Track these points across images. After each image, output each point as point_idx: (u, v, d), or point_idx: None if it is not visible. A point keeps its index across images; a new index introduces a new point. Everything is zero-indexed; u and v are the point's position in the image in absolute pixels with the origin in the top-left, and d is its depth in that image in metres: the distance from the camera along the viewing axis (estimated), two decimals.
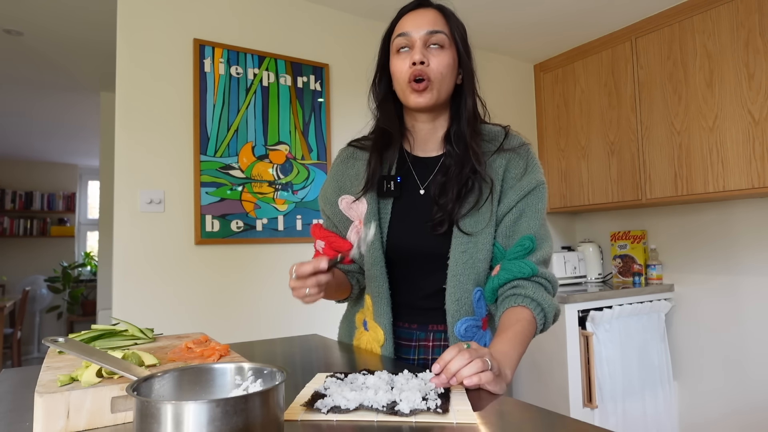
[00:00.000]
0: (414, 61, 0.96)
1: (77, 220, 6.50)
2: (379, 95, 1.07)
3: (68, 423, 0.61)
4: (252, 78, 2.29)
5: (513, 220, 1.00)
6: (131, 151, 2.02)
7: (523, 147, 1.04)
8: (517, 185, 1.01)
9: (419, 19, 0.98)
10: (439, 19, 0.99)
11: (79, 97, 4.01)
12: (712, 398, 2.65)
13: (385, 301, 1.03)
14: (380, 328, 1.04)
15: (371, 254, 1.03)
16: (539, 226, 1.00)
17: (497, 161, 1.02)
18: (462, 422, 0.64)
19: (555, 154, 3.20)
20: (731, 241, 2.62)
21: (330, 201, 1.11)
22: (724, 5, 2.38)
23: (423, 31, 0.97)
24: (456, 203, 0.98)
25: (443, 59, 0.98)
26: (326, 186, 1.14)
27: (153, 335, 1.03)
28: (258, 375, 0.62)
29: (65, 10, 2.58)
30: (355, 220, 1.08)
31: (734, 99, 2.34)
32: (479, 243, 0.98)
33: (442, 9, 1.02)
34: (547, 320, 0.95)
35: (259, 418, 0.50)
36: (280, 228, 2.30)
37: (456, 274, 0.98)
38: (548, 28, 2.85)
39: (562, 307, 2.44)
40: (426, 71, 0.97)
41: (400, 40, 0.99)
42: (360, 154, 1.11)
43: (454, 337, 1.00)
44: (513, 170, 1.02)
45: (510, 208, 1.00)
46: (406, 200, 1.05)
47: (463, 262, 0.98)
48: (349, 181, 1.10)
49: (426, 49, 0.98)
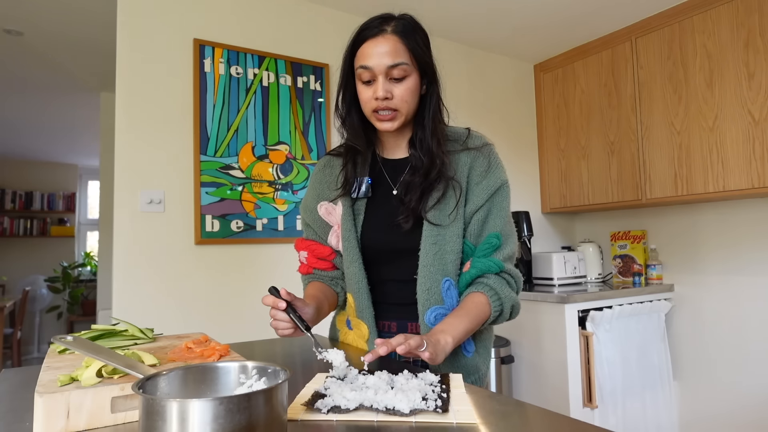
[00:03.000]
0: (377, 97, 0.99)
1: (77, 220, 6.49)
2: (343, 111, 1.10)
3: (68, 423, 0.61)
4: (252, 78, 2.29)
5: (481, 219, 1.05)
6: (131, 151, 2.02)
7: (486, 146, 1.09)
8: (483, 183, 1.06)
9: (379, 49, 0.98)
10: (399, 48, 0.99)
11: (79, 97, 4.00)
12: (712, 398, 2.65)
13: (366, 296, 1.08)
14: (364, 323, 1.09)
15: (349, 253, 1.09)
16: (504, 224, 1.06)
17: (462, 159, 1.07)
18: (462, 422, 0.64)
19: (555, 154, 3.20)
20: (731, 241, 2.62)
21: (310, 208, 1.17)
22: (724, 5, 2.38)
23: (383, 65, 0.98)
24: (419, 201, 1.04)
25: (406, 87, 1.00)
26: (306, 196, 1.20)
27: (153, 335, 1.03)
28: (262, 373, 0.62)
29: (65, 10, 2.58)
30: (334, 225, 1.14)
31: (734, 99, 2.34)
32: (447, 236, 1.03)
33: (402, 33, 1.00)
34: (504, 310, 1.02)
35: (262, 416, 0.50)
36: (280, 228, 2.30)
37: (426, 265, 1.03)
38: (548, 28, 2.85)
39: (562, 306, 2.44)
40: (390, 104, 1.00)
41: (362, 71, 1.00)
42: (335, 161, 1.16)
43: (425, 325, 1.04)
44: (477, 168, 1.07)
45: (478, 208, 1.05)
46: (379, 200, 1.11)
47: (433, 253, 1.03)
48: (327, 187, 1.15)
49: (388, 82, 1.00)
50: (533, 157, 3.30)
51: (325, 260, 1.16)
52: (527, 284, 2.89)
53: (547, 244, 3.29)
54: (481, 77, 3.12)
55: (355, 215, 1.10)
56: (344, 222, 1.09)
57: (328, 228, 1.15)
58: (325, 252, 1.16)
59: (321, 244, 1.16)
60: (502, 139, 3.14)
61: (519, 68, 3.32)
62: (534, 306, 2.57)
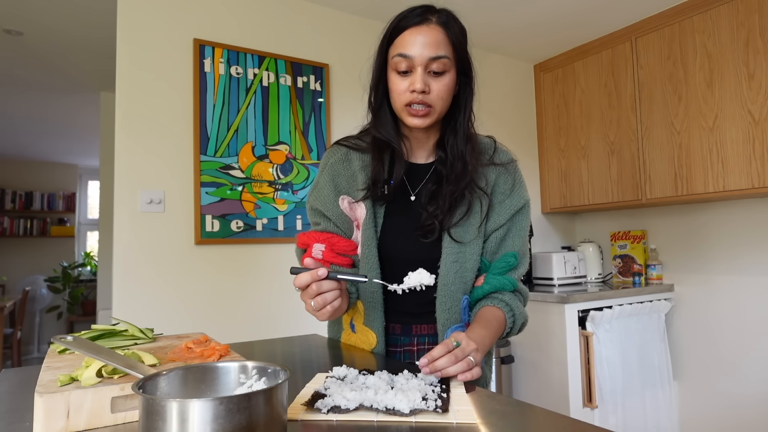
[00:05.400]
0: (415, 89, 0.93)
1: (77, 220, 6.49)
2: (376, 103, 1.04)
3: (68, 423, 0.61)
4: (252, 78, 2.29)
5: (500, 237, 1.05)
6: (131, 151, 2.02)
7: (512, 164, 1.09)
8: (506, 202, 1.05)
9: (422, 40, 0.93)
10: (441, 40, 0.94)
11: (79, 97, 4.00)
12: (712, 398, 2.65)
13: (379, 307, 1.04)
14: (372, 333, 1.05)
15: (368, 261, 1.02)
16: (522, 244, 1.06)
17: (488, 174, 1.05)
18: (462, 422, 0.64)
19: (555, 154, 3.20)
20: (731, 241, 2.62)
21: (329, 200, 1.07)
22: (724, 5, 2.38)
23: (426, 56, 0.92)
24: (447, 213, 1.00)
25: (444, 84, 0.95)
26: (320, 186, 1.09)
27: (153, 335, 1.03)
28: (262, 373, 0.62)
29: (65, 10, 2.58)
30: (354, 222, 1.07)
31: (734, 99, 2.34)
32: (468, 252, 1.01)
33: (446, 24, 0.95)
34: (515, 325, 1.02)
35: (262, 416, 0.50)
36: (280, 228, 2.30)
37: (446, 283, 1.00)
38: (548, 28, 2.85)
39: (562, 306, 2.44)
40: (426, 99, 0.94)
41: (400, 60, 0.94)
42: (354, 155, 1.07)
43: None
44: (502, 185, 1.06)
45: (499, 226, 1.04)
46: (398, 205, 1.05)
47: (454, 271, 1.00)
48: (345, 181, 1.07)
49: (427, 74, 0.94)
50: (533, 156, 3.30)
51: (346, 256, 1.06)
52: (527, 284, 2.89)
53: (547, 244, 3.29)
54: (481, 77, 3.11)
55: (375, 219, 1.04)
56: (366, 227, 1.02)
57: (350, 222, 1.07)
58: (349, 246, 1.05)
59: (343, 237, 1.06)
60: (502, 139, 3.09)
61: (519, 68, 3.32)
62: (534, 306, 2.57)
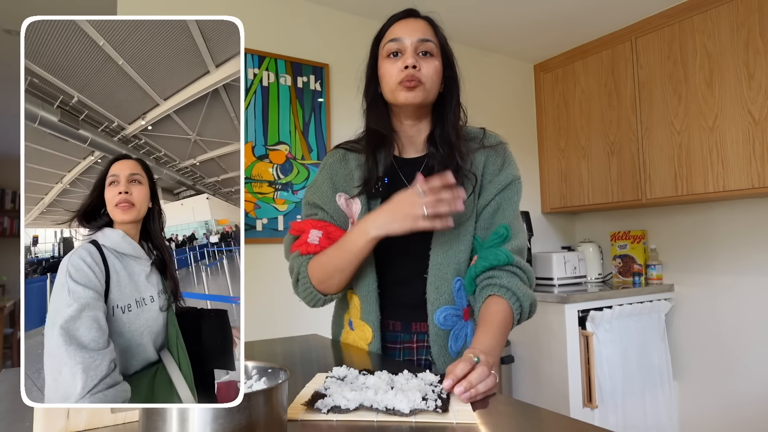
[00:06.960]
0: (407, 65, 1.01)
1: None
2: (368, 99, 1.11)
3: (68, 423, 0.61)
4: (252, 78, 2.29)
5: (491, 213, 1.06)
6: None
7: (501, 145, 1.12)
8: (495, 180, 1.08)
9: (411, 26, 1.04)
10: (428, 29, 1.05)
11: None
12: (712, 398, 2.65)
13: (374, 299, 1.06)
14: (368, 326, 1.07)
15: None
16: (513, 218, 1.07)
17: (477, 158, 1.09)
18: (462, 422, 0.64)
19: (555, 154, 3.20)
20: (731, 241, 2.62)
21: (327, 195, 1.12)
22: (724, 5, 2.38)
23: (415, 37, 1.02)
24: None
25: (432, 65, 1.03)
26: (318, 183, 1.14)
27: None
28: (262, 373, 0.62)
29: (65, 10, 2.58)
30: (350, 218, 1.11)
31: (734, 99, 2.34)
32: (460, 234, 1.04)
33: (430, 20, 1.08)
34: (523, 310, 0.99)
35: (262, 416, 0.50)
36: (280, 228, 2.30)
37: (436, 264, 1.03)
38: (548, 28, 2.85)
39: (563, 306, 2.44)
40: (417, 75, 1.01)
41: (391, 45, 1.03)
42: (351, 156, 1.13)
43: (434, 324, 1.03)
44: (491, 166, 1.09)
45: (488, 202, 1.07)
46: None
47: (444, 252, 1.03)
48: (342, 180, 1.12)
49: (416, 56, 1.02)
50: (533, 156, 3.30)
51: None
52: None
53: (547, 244, 3.29)
54: (481, 77, 3.12)
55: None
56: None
57: (346, 218, 1.11)
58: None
59: (338, 228, 1.09)
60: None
61: (519, 68, 3.32)
62: None
